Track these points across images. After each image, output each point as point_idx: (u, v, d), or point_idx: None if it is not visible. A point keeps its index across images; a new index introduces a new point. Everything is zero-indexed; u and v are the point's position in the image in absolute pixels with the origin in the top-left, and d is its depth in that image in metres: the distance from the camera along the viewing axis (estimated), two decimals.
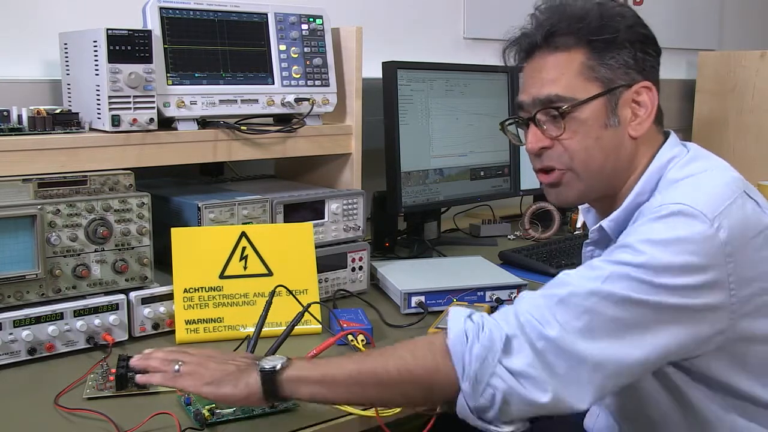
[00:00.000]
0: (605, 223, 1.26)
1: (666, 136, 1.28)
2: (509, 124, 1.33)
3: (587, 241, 1.35)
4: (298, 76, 1.73)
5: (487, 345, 1.06)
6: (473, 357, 1.06)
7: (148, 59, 1.51)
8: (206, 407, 1.17)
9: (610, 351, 1.06)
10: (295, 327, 1.34)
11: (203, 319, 1.50)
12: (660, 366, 1.13)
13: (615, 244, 1.14)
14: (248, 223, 1.63)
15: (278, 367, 1.09)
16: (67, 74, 1.63)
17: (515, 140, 1.35)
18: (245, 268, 1.55)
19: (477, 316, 1.11)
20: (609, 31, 1.20)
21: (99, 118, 1.52)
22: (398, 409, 1.22)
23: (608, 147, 1.22)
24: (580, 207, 1.50)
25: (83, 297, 1.44)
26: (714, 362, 1.14)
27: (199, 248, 1.53)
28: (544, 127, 1.22)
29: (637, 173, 1.24)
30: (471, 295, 1.69)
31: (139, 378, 1.16)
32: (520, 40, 1.26)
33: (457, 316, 1.12)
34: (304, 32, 1.75)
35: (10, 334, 1.34)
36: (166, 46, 1.57)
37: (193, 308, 1.50)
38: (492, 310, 1.61)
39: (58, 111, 1.49)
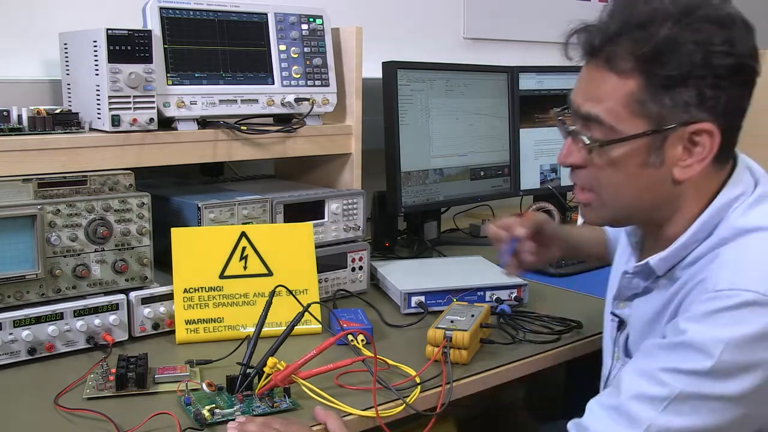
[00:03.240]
0: (653, 261, 1.15)
1: (732, 165, 1.14)
2: (559, 116, 1.20)
3: (627, 270, 1.23)
4: (298, 76, 1.73)
5: None
6: None
7: (148, 59, 1.51)
8: (206, 407, 1.17)
9: None
10: (295, 327, 1.34)
11: (203, 319, 1.50)
12: None
13: (675, 327, 1.04)
14: (248, 223, 1.63)
15: None
16: (67, 74, 1.63)
17: (565, 134, 1.19)
18: (245, 268, 1.55)
19: None
20: (674, 66, 1.01)
21: (99, 118, 1.52)
22: (399, 409, 1.22)
23: (642, 186, 1.10)
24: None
25: (83, 297, 1.44)
26: None
27: (199, 248, 1.53)
28: (579, 144, 1.12)
29: (686, 215, 1.12)
30: (471, 295, 1.69)
31: None
32: (580, 37, 1.10)
33: None
34: (304, 32, 1.75)
35: (10, 334, 1.34)
36: (166, 46, 1.57)
37: (193, 308, 1.50)
38: (492, 310, 1.61)
39: (58, 111, 1.49)
